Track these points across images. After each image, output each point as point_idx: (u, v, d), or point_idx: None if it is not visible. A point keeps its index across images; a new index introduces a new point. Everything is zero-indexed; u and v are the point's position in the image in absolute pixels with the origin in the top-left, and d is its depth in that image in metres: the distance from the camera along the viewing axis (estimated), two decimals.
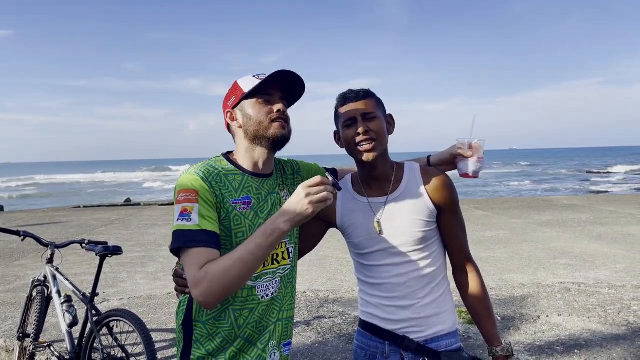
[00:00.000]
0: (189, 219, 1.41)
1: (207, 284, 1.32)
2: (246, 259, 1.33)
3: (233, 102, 1.61)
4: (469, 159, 1.72)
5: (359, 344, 1.79)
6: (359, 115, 1.62)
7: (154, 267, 7.27)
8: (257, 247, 1.33)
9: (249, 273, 1.36)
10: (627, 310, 4.84)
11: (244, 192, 1.53)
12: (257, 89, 1.55)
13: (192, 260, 1.37)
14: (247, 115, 1.57)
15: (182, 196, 1.44)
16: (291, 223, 1.33)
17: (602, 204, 13.78)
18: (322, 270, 6.83)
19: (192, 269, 1.36)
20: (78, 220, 12.72)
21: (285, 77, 1.57)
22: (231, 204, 1.49)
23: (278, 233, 1.33)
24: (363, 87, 1.69)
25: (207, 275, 1.33)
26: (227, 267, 1.33)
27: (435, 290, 1.69)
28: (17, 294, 5.93)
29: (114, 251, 3.33)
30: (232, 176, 1.54)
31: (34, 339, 3.40)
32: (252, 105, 1.57)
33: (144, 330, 3.01)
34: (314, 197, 1.31)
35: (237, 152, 1.62)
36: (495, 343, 1.70)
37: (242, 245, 1.36)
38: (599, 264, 6.77)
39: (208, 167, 1.52)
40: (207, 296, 1.33)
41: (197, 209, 1.42)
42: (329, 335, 4.40)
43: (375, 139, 1.61)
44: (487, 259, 7.23)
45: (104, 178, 62.24)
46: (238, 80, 1.62)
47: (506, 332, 4.37)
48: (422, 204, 1.66)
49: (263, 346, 1.58)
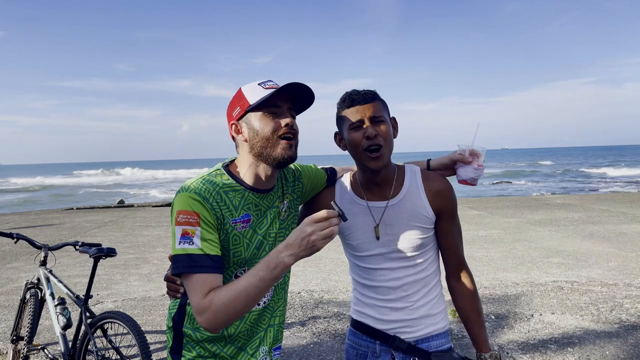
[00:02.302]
0: (191, 242, 1.37)
1: (212, 314, 1.32)
2: (250, 292, 1.31)
3: (238, 113, 1.51)
4: (469, 166, 1.73)
5: (350, 343, 1.79)
6: (367, 118, 1.56)
7: (147, 268, 7.24)
8: (260, 280, 1.30)
9: (253, 303, 1.34)
10: (620, 308, 4.88)
11: (244, 210, 1.49)
12: (265, 100, 1.46)
13: (197, 287, 1.35)
14: (253, 130, 1.48)
15: (183, 218, 1.38)
16: (295, 258, 1.29)
17: (595, 203, 13.87)
18: (317, 270, 6.83)
19: (197, 296, 1.34)
20: (71, 222, 12.65)
21: (294, 88, 1.48)
22: (231, 224, 1.45)
23: (282, 267, 1.29)
24: (363, 88, 1.64)
25: (211, 305, 1.32)
26: (231, 299, 1.31)
27: (429, 294, 1.70)
28: (9, 296, 5.89)
29: (108, 253, 3.31)
30: (232, 193, 1.48)
31: (27, 341, 3.38)
32: (259, 118, 1.48)
33: (139, 332, 3.00)
34: (320, 234, 1.27)
35: (239, 164, 1.55)
36: (484, 349, 1.70)
37: (246, 276, 1.32)
38: (592, 263, 6.82)
39: (208, 185, 1.44)
40: (211, 325, 1.34)
41: (199, 232, 1.38)
42: (323, 335, 4.40)
43: (383, 145, 1.57)
44: (480, 258, 7.26)
45: (96, 179, 61.89)
46: (243, 88, 1.52)
47: (500, 330, 4.40)
48: (422, 210, 1.65)
49: (253, 351, 1.58)
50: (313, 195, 1.76)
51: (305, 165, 1.77)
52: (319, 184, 1.75)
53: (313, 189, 1.74)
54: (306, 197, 1.74)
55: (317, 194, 1.77)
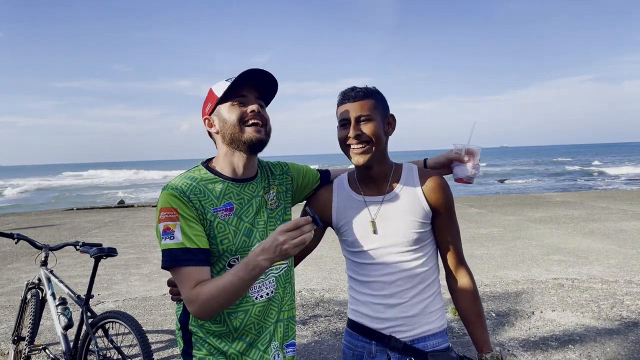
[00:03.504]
0: (172, 237, 1.45)
1: (199, 306, 1.42)
2: (229, 289, 1.39)
3: (209, 108, 1.60)
4: (465, 165, 1.74)
5: (346, 343, 1.79)
6: (353, 117, 1.61)
7: (148, 268, 7.25)
8: (240, 280, 1.38)
9: (235, 298, 1.43)
10: (620, 305, 4.89)
11: (225, 199, 1.54)
12: (230, 91, 1.54)
13: (182, 280, 1.45)
14: (222, 120, 1.56)
15: (163, 215, 1.46)
16: (270, 262, 1.36)
17: (595, 200, 13.88)
18: (318, 269, 6.84)
19: (184, 289, 1.45)
20: (71, 223, 12.65)
21: (257, 76, 1.56)
22: (213, 213, 1.50)
23: (259, 269, 1.37)
24: (364, 85, 1.66)
25: (198, 298, 1.41)
26: (214, 294, 1.40)
27: (425, 291, 1.69)
28: (10, 297, 5.89)
29: (109, 253, 3.32)
30: (211, 185, 1.54)
31: (29, 341, 3.38)
32: (227, 109, 1.56)
33: (140, 332, 3.00)
34: (291, 243, 1.33)
35: (217, 158, 1.62)
36: (484, 350, 1.68)
37: (227, 275, 1.41)
38: (592, 260, 6.82)
39: (186, 180, 1.52)
40: (200, 314, 1.44)
41: (179, 226, 1.45)
42: (324, 334, 4.41)
43: (368, 142, 1.60)
44: (481, 256, 7.27)
45: (95, 180, 61.88)
46: (212, 86, 1.62)
47: (500, 328, 4.41)
48: (418, 204, 1.66)
49: (264, 347, 1.58)
50: (307, 191, 1.81)
51: (297, 164, 1.83)
52: (310, 181, 1.81)
53: (305, 185, 1.79)
54: (298, 192, 1.79)
55: (315, 191, 1.81)
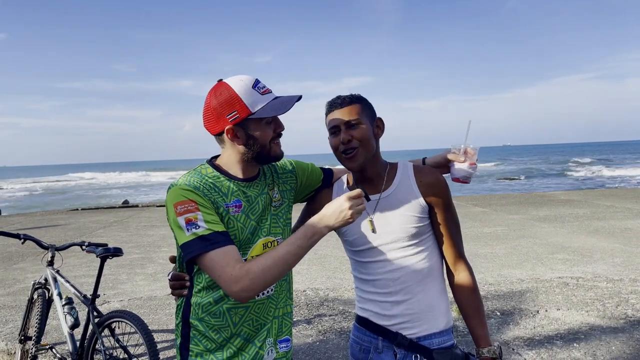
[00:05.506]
0: (196, 226, 1.43)
1: (250, 281, 1.39)
2: (288, 259, 1.43)
3: (235, 118, 1.51)
4: (462, 164, 1.76)
5: (354, 338, 1.82)
6: (342, 124, 1.65)
7: (153, 268, 7.28)
8: (298, 248, 1.43)
9: (289, 269, 1.46)
10: (625, 304, 4.88)
11: (234, 197, 1.55)
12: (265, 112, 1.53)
13: (222, 261, 1.41)
14: (252, 137, 1.54)
15: (181, 208, 1.45)
16: (330, 229, 1.45)
17: (599, 199, 13.83)
18: (322, 268, 6.85)
19: (226, 268, 1.40)
20: (76, 223, 12.70)
21: (287, 106, 1.56)
22: (225, 208, 1.52)
23: (318, 236, 1.45)
24: (355, 89, 1.71)
25: (248, 273, 1.39)
26: (269, 265, 1.41)
27: (430, 286, 1.71)
28: (17, 297, 5.93)
29: (115, 252, 3.33)
30: (219, 182, 1.55)
31: (35, 341, 3.41)
32: (259, 126, 1.54)
33: (146, 331, 3.01)
34: (356, 208, 1.43)
35: (222, 158, 1.61)
36: (482, 344, 1.70)
37: (283, 245, 1.44)
38: (597, 258, 6.81)
39: (195, 177, 1.52)
40: (248, 291, 1.41)
41: (200, 216, 1.44)
42: (329, 333, 4.42)
43: (359, 147, 1.64)
44: (485, 255, 7.26)
45: (99, 180, 62.07)
46: (233, 86, 1.51)
47: (505, 327, 4.41)
48: (414, 200, 1.69)
49: (260, 343, 1.61)
50: (310, 190, 1.83)
51: (302, 162, 1.85)
52: (314, 180, 1.83)
53: (309, 183, 1.82)
54: (301, 191, 1.81)
55: (317, 193, 1.84)
